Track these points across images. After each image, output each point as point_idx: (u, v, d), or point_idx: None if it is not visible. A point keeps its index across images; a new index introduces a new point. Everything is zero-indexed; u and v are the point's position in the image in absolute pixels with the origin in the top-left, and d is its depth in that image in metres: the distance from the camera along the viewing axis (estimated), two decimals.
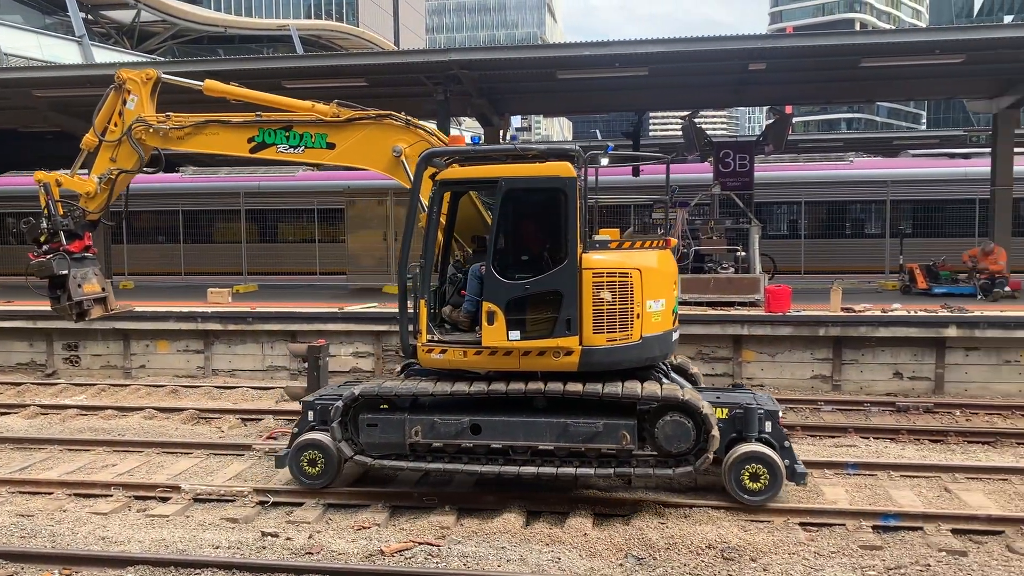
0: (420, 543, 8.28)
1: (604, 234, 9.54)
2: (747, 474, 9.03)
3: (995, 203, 19.67)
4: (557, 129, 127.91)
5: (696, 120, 23.02)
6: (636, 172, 23.44)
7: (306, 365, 12.89)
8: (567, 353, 8.78)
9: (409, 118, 10.31)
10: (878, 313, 15.39)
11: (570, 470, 9.00)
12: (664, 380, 9.39)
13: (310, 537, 8.53)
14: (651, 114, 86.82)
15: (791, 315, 15.39)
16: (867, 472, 10.34)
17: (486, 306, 8.86)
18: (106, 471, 10.97)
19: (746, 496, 9.03)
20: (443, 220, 9.62)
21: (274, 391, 15.31)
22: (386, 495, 9.67)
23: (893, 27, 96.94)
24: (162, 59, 43.51)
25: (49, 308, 11.07)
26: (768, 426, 9.34)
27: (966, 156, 25.27)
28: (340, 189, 22.71)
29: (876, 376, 15.00)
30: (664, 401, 8.84)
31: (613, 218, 22.46)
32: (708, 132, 24.68)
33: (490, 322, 8.82)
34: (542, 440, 9.06)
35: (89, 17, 52.99)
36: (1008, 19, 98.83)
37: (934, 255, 19.52)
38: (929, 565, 7.55)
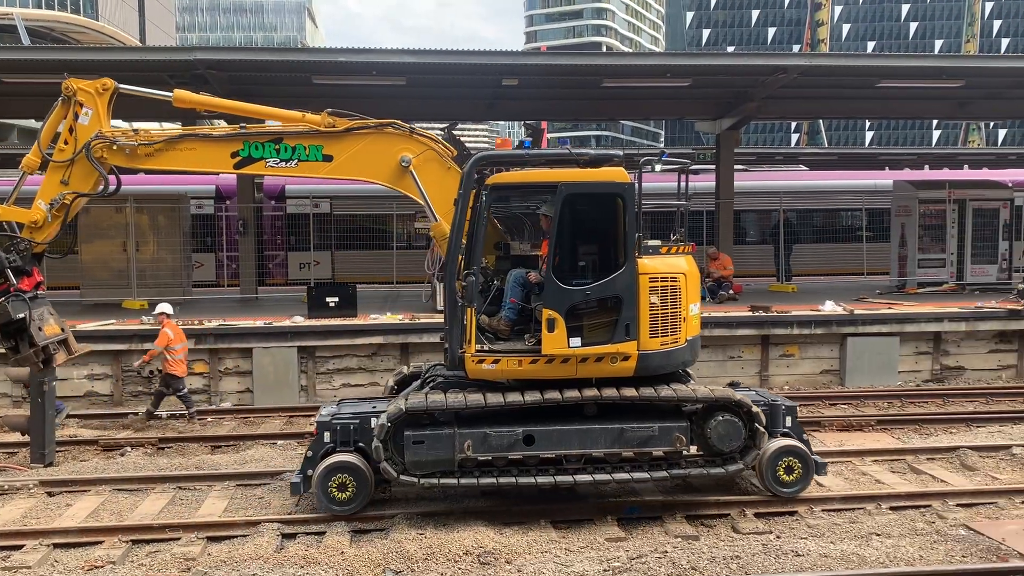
0: None
1: None
2: (782, 467, 9.30)
3: (719, 214, 21.74)
4: None
5: (456, 132, 23.47)
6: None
7: (29, 391, 11.56)
8: (624, 358, 8.72)
9: (413, 126, 9.69)
10: None
11: (625, 475, 8.93)
12: (692, 382, 9.49)
13: None
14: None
15: None
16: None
17: (546, 313, 8.56)
18: None
19: (782, 489, 9.32)
20: (467, 226, 9.06)
21: None
22: (124, 529, 8.88)
23: (632, 51, 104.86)
24: None
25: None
26: (788, 421, 9.65)
27: (695, 172, 27.73)
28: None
29: None
30: (716, 401, 8.95)
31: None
32: (468, 144, 25.22)
33: (550, 329, 8.54)
34: (597, 447, 8.88)
35: None
36: (731, 50, 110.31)
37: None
38: (667, 552, 8.10)
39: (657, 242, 9.25)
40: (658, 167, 9.37)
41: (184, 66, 17.03)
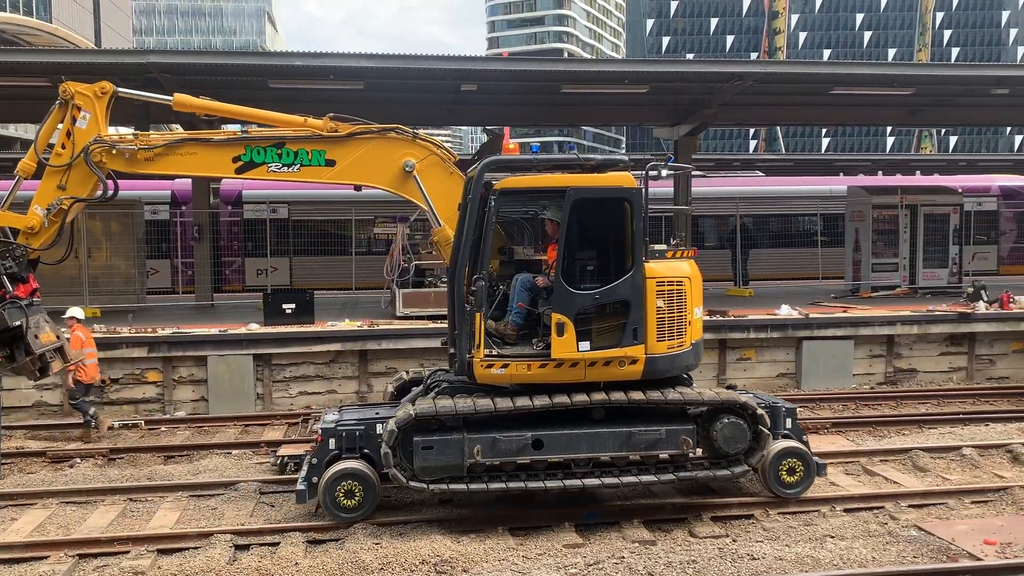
0: None
1: None
2: (785, 469, 9.50)
3: (677, 220, 21.89)
4: None
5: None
6: (358, 187, 23.22)
7: None
8: (632, 362, 8.81)
9: (416, 131, 9.73)
10: None
11: (633, 479, 8.99)
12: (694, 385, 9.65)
13: None
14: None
15: None
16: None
17: (555, 317, 8.62)
18: None
19: (785, 490, 9.51)
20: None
21: None
22: (70, 543, 8.65)
23: (591, 57, 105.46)
24: None
25: None
26: (789, 423, 9.85)
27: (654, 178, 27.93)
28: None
29: None
30: (722, 404, 9.07)
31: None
32: None
33: (560, 333, 8.60)
34: (605, 450, 8.95)
35: None
36: (690, 57, 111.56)
37: None
38: (623, 557, 8.10)
39: (663, 246, 9.40)
40: (664, 172, 9.53)
41: (137, 69, 16.74)
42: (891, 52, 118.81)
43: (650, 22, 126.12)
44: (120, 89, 9.54)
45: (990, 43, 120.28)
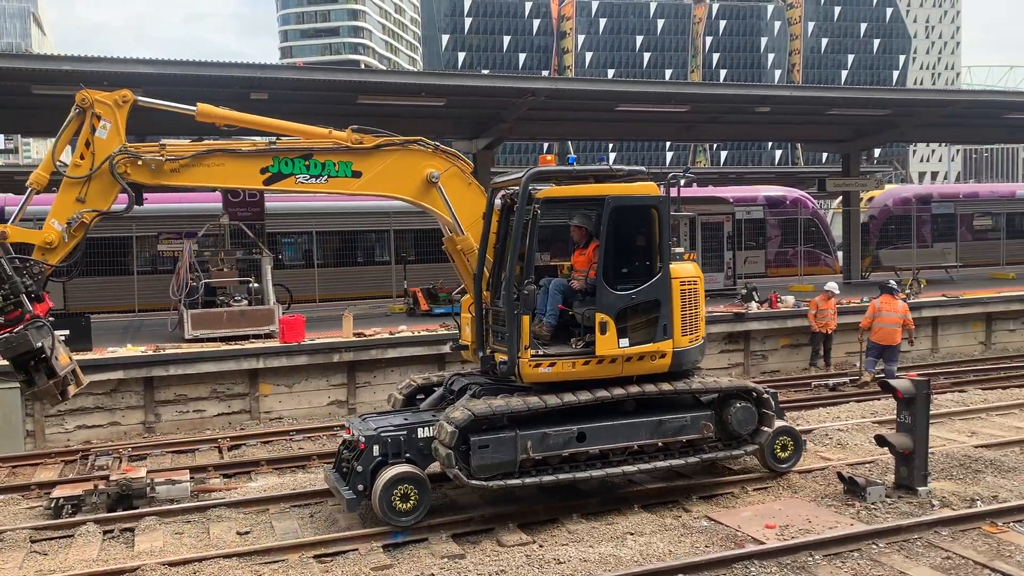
0: None
1: None
2: (779, 446, 10.46)
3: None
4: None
5: None
6: (140, 201, 21.65)
7: None
8: (662, 356, 9.61)
9: (438, 143, 10.00)
10: (387, 335, 16.26)
11: (664, 463, 9.71)
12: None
13: None
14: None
15: (305, 344, 15.52)
16: None
17: (598, 317, 9.22)
18: None
19: (780, 465, 10.49)
20: (494, 237, 9.87)
21: None
22: None
23: (388, 69, 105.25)
24: None
25: None
26: (773, 404, 10.51)
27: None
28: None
29: (384, 396, 15.80)
30: (735, 390, 10.03)
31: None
32: None
33: (603, 332, 9.22)
34: (639, 439, 9.60)
35: None
36: (485, 73, 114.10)
37: (433, 279, 21.36)
38: (433, 573, 8.01)
39: (680, 249, 10.28)
40: (682, 181, 10.50)
41: None
42: (668, 72, 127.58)
43: (445, 37, 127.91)
44: (140, 98, 8.99)
45: (752, 66, 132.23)
